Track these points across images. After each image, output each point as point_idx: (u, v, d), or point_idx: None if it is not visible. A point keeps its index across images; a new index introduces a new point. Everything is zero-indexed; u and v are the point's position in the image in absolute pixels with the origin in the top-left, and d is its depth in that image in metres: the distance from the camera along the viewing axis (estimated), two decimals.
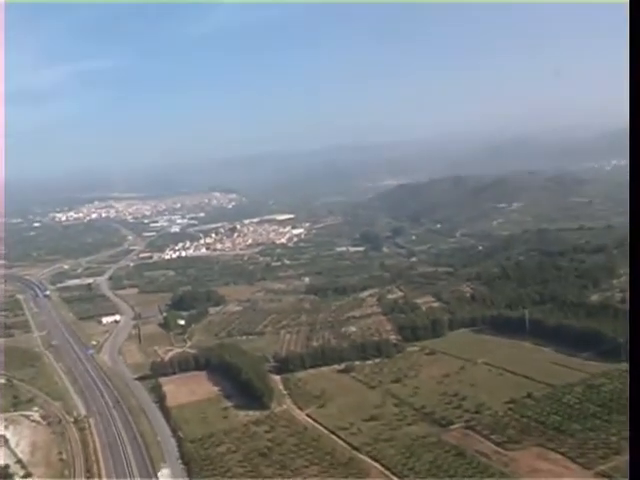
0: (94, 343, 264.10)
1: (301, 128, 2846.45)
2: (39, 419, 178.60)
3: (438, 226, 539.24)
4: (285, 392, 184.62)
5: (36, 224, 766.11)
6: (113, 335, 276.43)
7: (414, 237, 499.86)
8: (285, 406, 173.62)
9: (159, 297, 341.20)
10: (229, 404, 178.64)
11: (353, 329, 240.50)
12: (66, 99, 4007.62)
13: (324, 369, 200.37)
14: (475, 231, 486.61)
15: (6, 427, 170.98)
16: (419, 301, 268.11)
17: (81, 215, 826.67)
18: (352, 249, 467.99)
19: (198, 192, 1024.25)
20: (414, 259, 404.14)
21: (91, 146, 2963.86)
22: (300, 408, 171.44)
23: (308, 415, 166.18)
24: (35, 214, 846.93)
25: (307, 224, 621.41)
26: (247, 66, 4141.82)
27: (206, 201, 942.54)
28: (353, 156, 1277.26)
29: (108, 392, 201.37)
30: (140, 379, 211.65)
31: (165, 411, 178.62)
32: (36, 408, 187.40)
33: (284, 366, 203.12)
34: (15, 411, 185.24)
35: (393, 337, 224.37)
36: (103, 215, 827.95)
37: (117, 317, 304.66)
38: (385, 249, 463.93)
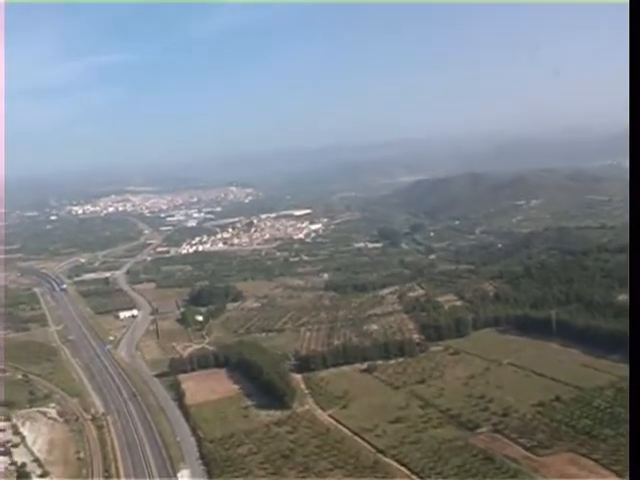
0: (111, 338, 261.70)
1: (315, 125, 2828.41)
2: (56, 416, 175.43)
3: (456, 223, 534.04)
4: (307, 392, 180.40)
5: (53, 217, 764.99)
6: (130, 330, 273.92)
7: (432, 234, 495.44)
8: (307, 406, 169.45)
9: (176, 292, 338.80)
10: (249, 403, 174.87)
11: (375, 327, 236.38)
12: (83, 93, 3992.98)
13: (346, 368, 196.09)
14: (494, 228, 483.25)
15: (22, 424, 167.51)
16: (441, 299, 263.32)
17: (98, 209, 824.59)
18: (370, 245, 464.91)
19: (215, 187, 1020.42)
20: (433, 256, 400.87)
21: (107, 140, 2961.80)
22: (322, 408, 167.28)
23: (331, 416, 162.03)
24: (52, 207, 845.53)
25: (324, 220, 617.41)
26: (262, 63, 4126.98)
27: (223, 195, 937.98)
28: (366, 153, 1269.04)
29: (126, 389, 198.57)
30: (158, 376, 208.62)
31: (184, 409, 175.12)
32: (53, 404, 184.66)
33: (305, 365, 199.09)
34: (31, 407, 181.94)
35: (416, 336, 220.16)
36: (120, 209, 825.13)
37: (134, 312, 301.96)
38: (403, 245, 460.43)
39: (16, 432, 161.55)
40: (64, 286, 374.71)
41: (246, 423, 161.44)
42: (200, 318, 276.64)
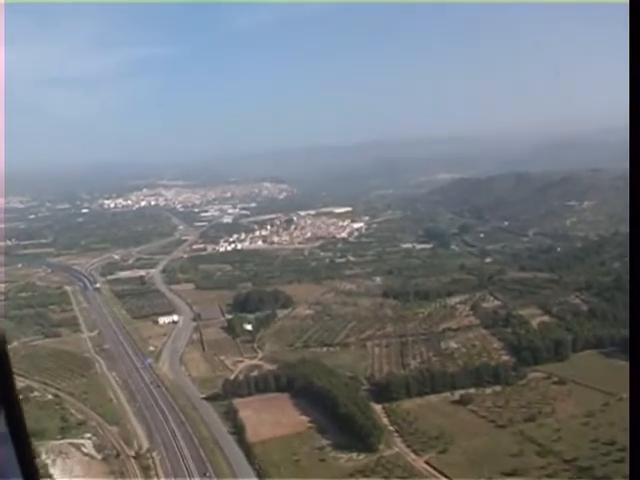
0: (151, 349, 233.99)
1: (348, 121, 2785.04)
2: (93, 451, 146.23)
3: (506, 224, 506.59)
4: (392, 428, 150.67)
5: (84, 210, 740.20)
6: (172, 339, 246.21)
7: (482, 235, 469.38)
8: (396, 449, 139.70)
9: (218, 295, 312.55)
10: (325, 442, 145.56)
11: (454, 345, 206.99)
12: (117, 86, 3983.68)
13: (433, 398, 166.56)
14: (549, 230, 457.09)
15: (53, 462, 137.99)
16: (523, 313, 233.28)
17: (130, 202, 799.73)
18: (418, 246, 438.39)
19: (248, 181, 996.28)
20: (489, 259, 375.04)
21: (139, 132, 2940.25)
22: (415, 452, 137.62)
23: (427, 463, 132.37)
24: (83, 200, 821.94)
25: (366, 218, 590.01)
26: (297, 59, 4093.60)
27: (256, 191, 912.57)
28: (402, 150, 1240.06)
29: (173, 415, 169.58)
30: (209, 399, 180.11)
31: (245, 447, 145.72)
32: (88, 435, 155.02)
33: (384, 392, 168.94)
34: (64, 438, 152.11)
35: (506, 358, 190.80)
36: (152, 203, 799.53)
37: (175, 317, 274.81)
38: (454, 247, 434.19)
39: (45, 474, 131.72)
40: (97, 285, 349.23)
41: (324, 469, 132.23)
42: (249, 327, 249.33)
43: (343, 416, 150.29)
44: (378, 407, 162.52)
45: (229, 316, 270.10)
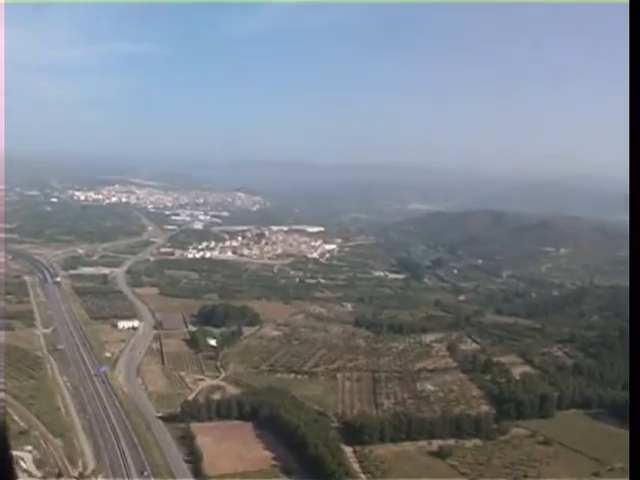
0: (108, 355, 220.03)
1: (327, 142, 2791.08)
2: (32, 467, 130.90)
3: (480, 262, 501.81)
4: (363, 477, 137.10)
5: (53, 199, 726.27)
6: (130, 346, 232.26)
7: (455, 271, 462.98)
8: None
9: (182, 303, 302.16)
10: None
11: (430, 387, 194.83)
12: (101, 79, 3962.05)
13: (409, 445, 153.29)
14: (524, 274, 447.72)
15: None
16: (504, 360, 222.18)
17: (101, 197, 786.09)
18: (391, 275, 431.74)
19: (221, 190, 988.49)
20: (462, 297, 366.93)
21: (116, 129, 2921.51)
22: None
23: None
24: (53, 189, 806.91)
25: (339, 240, 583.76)
26: (277, 71, 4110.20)
27: (229, 200, 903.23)
28: (378, 175, 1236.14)
29: (125, 434, 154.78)
30: (166, 419, 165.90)
31: None
32: (29, 447, 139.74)
33: (355, 434, 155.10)
34: None
35: (486, 408, 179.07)
36: (123, 200, 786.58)
37: (135, 323, 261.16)
38: (427, 280, 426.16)
39: None
40: (58, 279, 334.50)
41: None
42: (213, 342, 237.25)
43: (312, 457, 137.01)
44: (349, 450, 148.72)
45: (193, 328, 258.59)
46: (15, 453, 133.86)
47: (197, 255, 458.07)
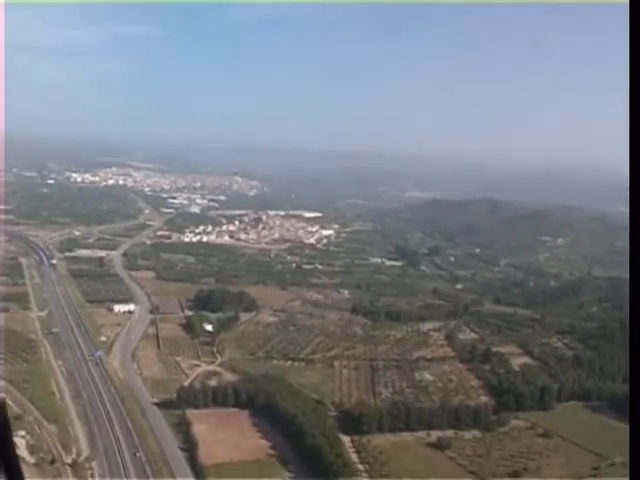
0: (103, 339, 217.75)
1: (326, 129, 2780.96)
2: (25, 453, 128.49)
3: (477, 250, 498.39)
4: (361, 467, 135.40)
5: (50, 181, 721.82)
6: (126, 330, 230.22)
7: (452, 259, 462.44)
8: None
9: (178, 287, 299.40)
10: (287, 474, 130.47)
11: (429, 377, 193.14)
12: (100, 61, 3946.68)
13: (407, 436, 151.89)
14: (521, 263, 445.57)
15: None
16: (502, 350, 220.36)
17: (97, 179, 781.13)
18: (388, 262, 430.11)
19: (219, 173, 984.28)
20: (460, 285, 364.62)
21: (114, 111, 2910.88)
22: None
23: None
24: (50, 170, 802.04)
25: (336, 226, 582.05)
26: (282, 57, 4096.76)
27: (227, 184, 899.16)
28: (376, 163, 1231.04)
29: (119, 420, 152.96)
30: (161, 405, 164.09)
31: (198, 469, 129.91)
32: (23, 433, 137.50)
33: (353, 423, 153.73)
34: None
35: (485, 399, 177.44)
36: (120, 182, 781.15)
37: (131, 306, 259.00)
38: (424, 268, 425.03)
39: None
40: (54, 261, 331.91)
41: None
42: (209, 328, 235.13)
43: (309, 447, 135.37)
44: (346, 439, 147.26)
45: (189, 312, 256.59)
46: None
47: (194, 239, 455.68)
